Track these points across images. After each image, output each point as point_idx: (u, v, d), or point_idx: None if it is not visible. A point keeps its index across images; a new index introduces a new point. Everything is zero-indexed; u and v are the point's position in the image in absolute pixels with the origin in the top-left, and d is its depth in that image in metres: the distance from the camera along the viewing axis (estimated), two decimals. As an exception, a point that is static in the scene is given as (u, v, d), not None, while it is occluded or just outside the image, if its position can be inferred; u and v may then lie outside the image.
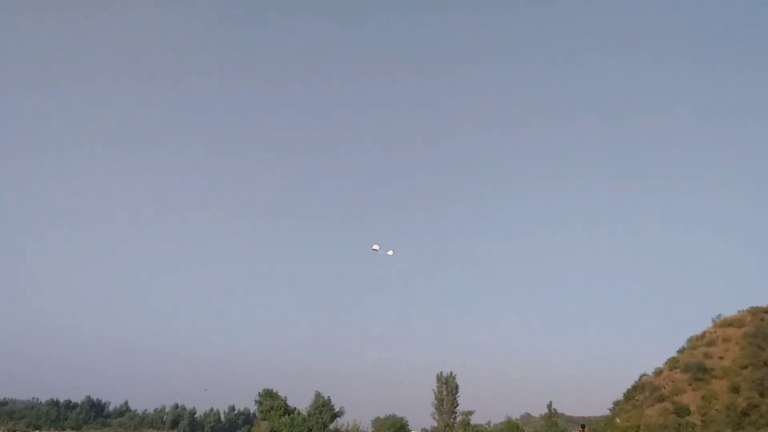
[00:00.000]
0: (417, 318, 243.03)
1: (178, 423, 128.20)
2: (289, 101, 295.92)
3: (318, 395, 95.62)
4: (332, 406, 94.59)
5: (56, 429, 79.19)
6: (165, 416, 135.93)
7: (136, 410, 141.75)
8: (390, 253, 39.21)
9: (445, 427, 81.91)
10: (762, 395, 70.88)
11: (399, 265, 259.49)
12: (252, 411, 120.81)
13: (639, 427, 77.47)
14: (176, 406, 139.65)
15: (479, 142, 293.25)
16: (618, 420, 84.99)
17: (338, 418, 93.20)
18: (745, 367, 77.52)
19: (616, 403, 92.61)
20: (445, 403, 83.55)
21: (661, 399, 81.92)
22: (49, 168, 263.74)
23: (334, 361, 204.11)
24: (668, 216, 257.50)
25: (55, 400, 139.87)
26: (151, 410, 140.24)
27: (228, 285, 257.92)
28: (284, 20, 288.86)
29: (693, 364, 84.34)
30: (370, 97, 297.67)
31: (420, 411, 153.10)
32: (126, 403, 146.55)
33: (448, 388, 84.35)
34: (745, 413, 70.04)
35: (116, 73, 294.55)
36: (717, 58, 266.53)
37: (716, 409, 74.40)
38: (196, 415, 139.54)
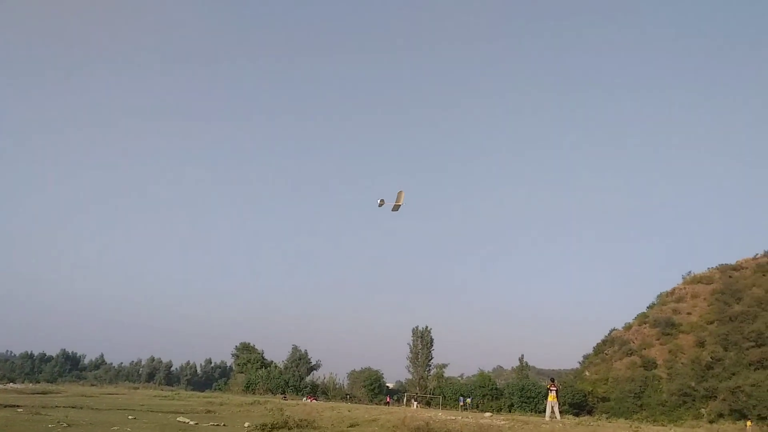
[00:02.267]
0: (393, 274, 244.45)
1: (154, 376, 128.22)
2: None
3: (295, 349, 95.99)
4: (309, 359, 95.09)
5: (31, 382, 78.28)
6: (141, 369, 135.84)
7: (111, 363, 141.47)
8: (399, 203, 35.77)
9: (420, 379, 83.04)
10: (726, 349, 72.63)
11: (374, 223, 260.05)
12: (229, 364, 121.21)
13: (607, 379, 79.30)
14: (152, 359, 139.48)
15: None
16: (587, 373, 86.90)
17: (314, 371, 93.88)
18: (712, 323, 79.31)
19: (586, 357, 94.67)
20: (419, 356, 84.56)
21: (630, 353, 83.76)
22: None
23: (311, 316, 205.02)
24: (640, 173, 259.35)
25: (29, 353, 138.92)
26: (126, 363, 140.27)
27: (205, 238, 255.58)
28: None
29: (662, 319, 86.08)
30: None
31: (395, 364, 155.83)
32: (101, 356, 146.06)
33: (423, 342, 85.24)
34: (709, 366, 71.82)
35: None
36: None
37: (682, 363, 76.26)
38: (172, 368, 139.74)
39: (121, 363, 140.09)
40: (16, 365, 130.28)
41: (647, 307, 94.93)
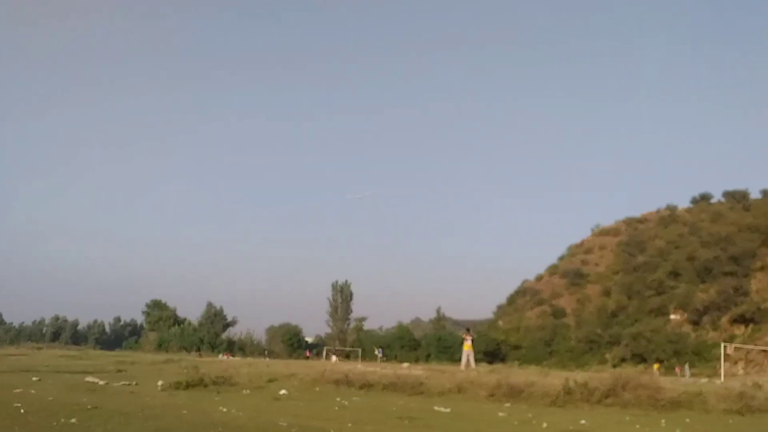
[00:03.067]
0: (310, 228, 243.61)
1: (59, 335, 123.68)
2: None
3: (209, 305, 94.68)
4: (224, 315, 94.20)
5: None
6: (45, 329, 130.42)
7: (11, 323, 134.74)
8: (363, 195, 44.23)
9: (339, 332, 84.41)
10: (630, 298, 77.83)
11: (293, 173, 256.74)
12: (139, 322, 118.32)
13: (519, 328, 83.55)
14: (56, 318, 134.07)
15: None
16: (501, 323, 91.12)
17: (231, 328, 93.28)
18: (617, 273, 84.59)
19: (500, 307, 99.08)
20: (339, 310, 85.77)
21: (541, 302, 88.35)
22: None
23: (226, 271, 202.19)
24: (552, 125, 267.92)
25: None
26: (28, 322, 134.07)
27: (115, 188, 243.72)
28: None
29: (570, 270, 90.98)
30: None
31: (314, 319, 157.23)
32: None
33: (342, 296, 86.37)
34: (614, 314, 76.88)
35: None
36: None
37: (589, 311, 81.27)
38: (78, 327, 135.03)
39: (23, 323, 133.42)
40: None
41: (558, 259, 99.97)
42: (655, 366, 52.25)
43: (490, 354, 69.16)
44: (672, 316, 71.71)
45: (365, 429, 8.93)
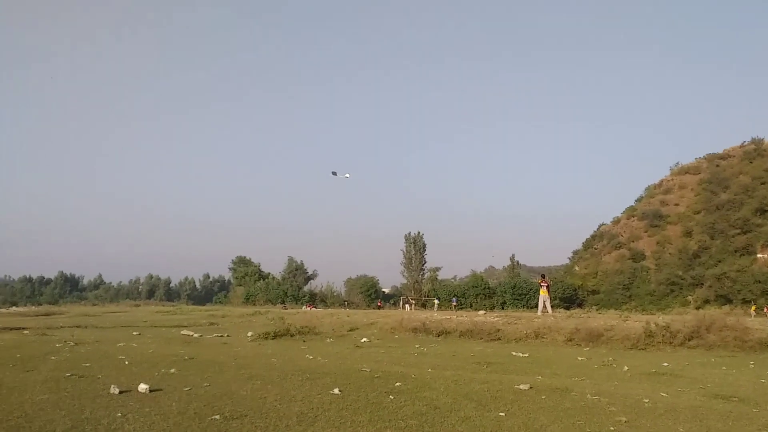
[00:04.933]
0: (384, 181, 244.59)
1: (154, 293, 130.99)
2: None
3: (291, 260, 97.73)
4: (305, 269, 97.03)
5: (32, 305, 79.61)
6: (140, 287, 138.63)
7: (110, 283, 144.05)
8: (347, 175, 50.02)
9: (414, 283, 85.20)
10: (712, 237, 74.32)
11: (369, 131, 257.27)
12: (227, 278, 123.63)
13: (597, 273, 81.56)
14: (150, 277, 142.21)
15: None
16: (577, 268, 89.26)
17: (312, 281, 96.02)
18: (699, 212, 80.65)
19: (576, 253, 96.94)
20: (413, 261, 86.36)
21: (618, 246, 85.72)
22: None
23: (307, 227, 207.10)
24: (627, 64, 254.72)
25: (28, 276, 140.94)
26: (126, 282, 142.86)
27: (202, 153, 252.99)
28: None
29: (649, 211, 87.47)
30: None
31: (390, 270, 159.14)
32: (100, 276, 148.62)
33: (416, 247, 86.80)
34: (696, 255, 73.75)
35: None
36: None
37: (669, 253, 78.21)
38: (171, 285, 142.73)
39: (120, 282, 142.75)
40: (17, 289, 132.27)
41: (635, 201, 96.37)
42: (752, 307, 50.14)
43: (567, 300, 68.25)
44: (759, 255, 68.17)
45: (444, 374, 9.09)
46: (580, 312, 26.74)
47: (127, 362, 10.00)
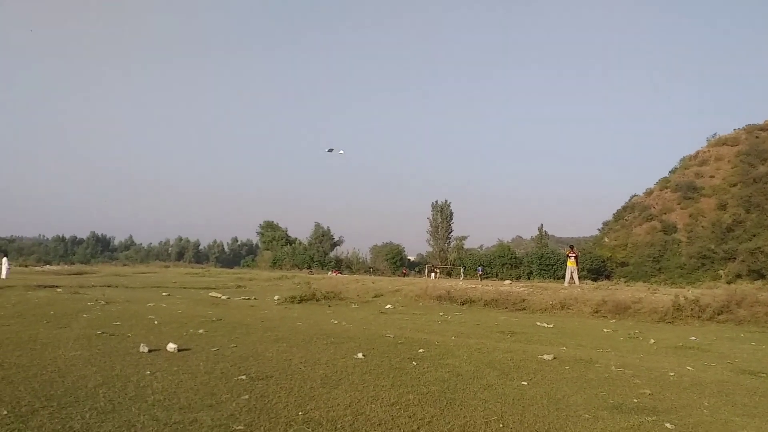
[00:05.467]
0: (413, 148, 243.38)
1: (183, 255, 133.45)
2: None
3: (317, 226, 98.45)
4: (332, 235, 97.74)
5: (65, 263, 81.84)
6: (170, 248, 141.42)
7: (141, 244, 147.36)
8: (341, 152, 54.08)
9: (440, 251, 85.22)
10: (748, 211, 72.58)
11: (393, 102, 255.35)
12: (255, 242, 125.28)
13: (627, 245, 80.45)
14: (180, 239, 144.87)
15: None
16: (606, 239, 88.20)
17: (338, 247, 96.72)
18: (735, 185, 78.65)
19: (605, 224, 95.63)
20: (440, 229, 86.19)
21: (650, 218, 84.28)
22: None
23: (333, 193, 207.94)
24: (664, 29, 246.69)
25: (61, 236, 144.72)
26: (155, 243, 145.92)
27: (231, 118, 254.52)
28: None
29: (683, 183, 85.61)
30: None
31: (416, 238, 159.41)
32: (130, 237, 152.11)
33: (443, 216, 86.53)
34: (729, 229, 72.18)
35: None
36: None
37: (702, 226, 76.66)
38: (200, 247, 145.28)
39: (150, 243, 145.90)
40: (50, 248, 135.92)
41: (669, 172, 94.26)
42: None
43: (595, 271, 67.59)
44: (796, 230, 66.43)
45: (468, 342, 9.14)
46: (608, 284, 26.53)
47: (156, 322, 10.26)
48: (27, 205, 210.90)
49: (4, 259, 32.27)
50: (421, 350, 7.95)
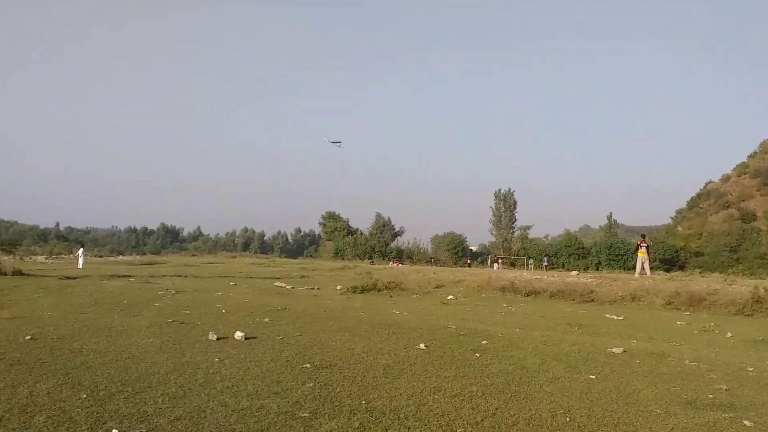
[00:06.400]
0: (474, 137, 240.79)
1: (248, 245, 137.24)
2: None
3: (378, 216, 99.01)
4: (392, 226, 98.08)
5: (137, 254, 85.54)
6: (236, 239, 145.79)
7: (208, 235, 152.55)
8: (340, 144, 55.11)
9: (503, 241, 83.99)
10: (836, 198, 68.37)
11: (456, 87, 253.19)
12: (317, 233, 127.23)
13: (702, 234, 77.13)
14: (246, 230, 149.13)
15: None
16: (680, 228, 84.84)
17: (399, 237, 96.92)
18: (822, 170, 74.20)
19: (679, 212, 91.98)
20: (503, 219, 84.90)
21: (727, 205, 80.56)
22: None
23: (394, 184, 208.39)
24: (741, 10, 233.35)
25: (133, 227, 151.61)
26: (222, 234, 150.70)
27: (294, 111, 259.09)
28: None
29: (763, 169, 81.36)
30: None
31: (478, 228, 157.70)
32: (198, 228, 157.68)
33: (506, 205, 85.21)
34: (815, 216, 68.21)
35: None
36: None
37: (785, 214, 72.74)
38: (265, 238, 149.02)
39: (218, 234, 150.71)
40: (123, 239, 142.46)
41: (748, 157, 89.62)
42: None
43: (668, 261, 65.20)
44: None
45: (533, 335, 9.02)
46: (682, 275, 25.53)
47: (224, 311, 10.59)
48: (101, 197, 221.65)
49: (81, 250, 34.05)
50: (484, 342, 7.89)
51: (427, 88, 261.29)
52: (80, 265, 31.62)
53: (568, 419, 4.50)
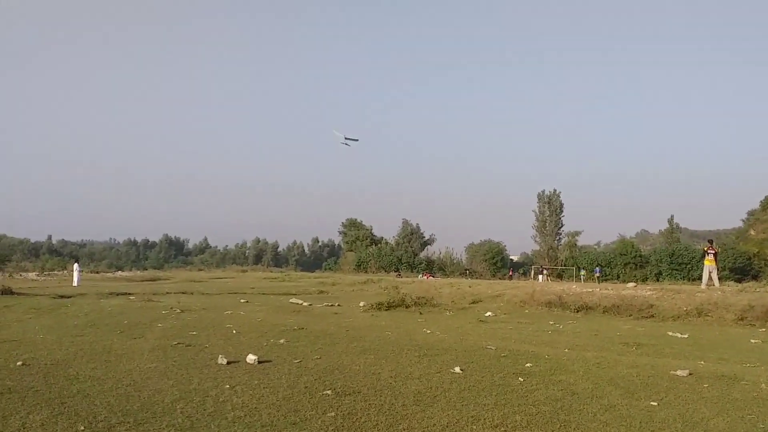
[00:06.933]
0: (514, 132, 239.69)
1: (261, 258, 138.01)
2: None
3: (405, 223, 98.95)
4: (422, 233, 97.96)
5: (138, 269, 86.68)
6: (247, 251, 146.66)
7: (216, 247, 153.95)
8: (345, 141, 54.06)
9: (549, 249, 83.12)
10: None
11: (492, 80, 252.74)
12: (337, 242, 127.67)
13: (778, 239, 75.67)
14: (257, 241, 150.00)
15: None
16: (752, 232, 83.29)
17: (429, 247, 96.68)
18: None
19: (751, 214, 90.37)
20: (547, 224, 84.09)
21: (808, 206, 78.91)
22: None
23: (422, 187, 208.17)
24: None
25: (132, 240, 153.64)
26: (232, 246, 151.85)
27: (311, 112, 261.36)
28: None
29: None
30: None
31: (520, 235, 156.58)
32: (205, 239, 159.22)
33: (551, 208, 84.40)
34: None
35: None
36: None
37: None
38: (279, 249, 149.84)
39: (226, 246, 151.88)
40: (122, 253, 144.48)
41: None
42: None
43: (739, 270, 64.15)
44: None
45: (584, 355, 8.93)
46: (756, 285, 25.07)
47: (234, 331, 10.69)
48: (97, 207, 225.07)
49: (76, 265, 34.59)
50: (528, 364, 7.84)
51: (467, 86, 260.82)
52: (75, 282, 32.08)
53: (626, 452, 4.46)
